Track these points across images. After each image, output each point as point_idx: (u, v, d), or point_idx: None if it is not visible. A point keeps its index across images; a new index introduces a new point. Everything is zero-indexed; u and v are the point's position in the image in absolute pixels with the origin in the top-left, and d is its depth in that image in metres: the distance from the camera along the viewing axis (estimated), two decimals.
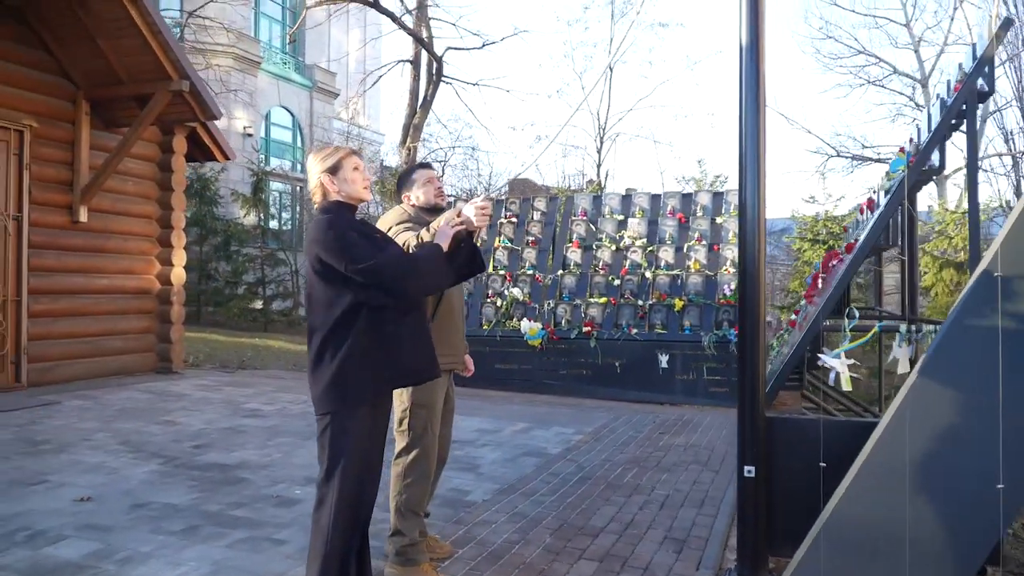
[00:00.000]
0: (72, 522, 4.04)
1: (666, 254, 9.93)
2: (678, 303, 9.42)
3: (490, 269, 10.64)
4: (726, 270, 9.48)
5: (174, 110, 8.20)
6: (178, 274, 9.10)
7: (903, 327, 3.81)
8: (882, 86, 22.08)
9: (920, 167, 3.94)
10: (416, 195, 3.62)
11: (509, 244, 10.82)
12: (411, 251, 3.19)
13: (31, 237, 7.65)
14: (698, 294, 9.42)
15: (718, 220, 10.03)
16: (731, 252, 9.48)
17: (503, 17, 48.77)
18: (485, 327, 10.11)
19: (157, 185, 9.07)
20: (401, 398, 3.47)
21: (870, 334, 3.85)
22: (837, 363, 3.85)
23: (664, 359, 9.22)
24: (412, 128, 18.67)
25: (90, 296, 8.32)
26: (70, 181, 8.00)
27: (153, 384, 8.34)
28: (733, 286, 9.16)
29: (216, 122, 9.21)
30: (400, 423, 3.48)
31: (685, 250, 9.90)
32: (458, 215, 3.14)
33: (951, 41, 20.91)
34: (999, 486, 2.58)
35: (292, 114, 26.86)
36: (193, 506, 4.40)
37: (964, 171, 20.33)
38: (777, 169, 39.59)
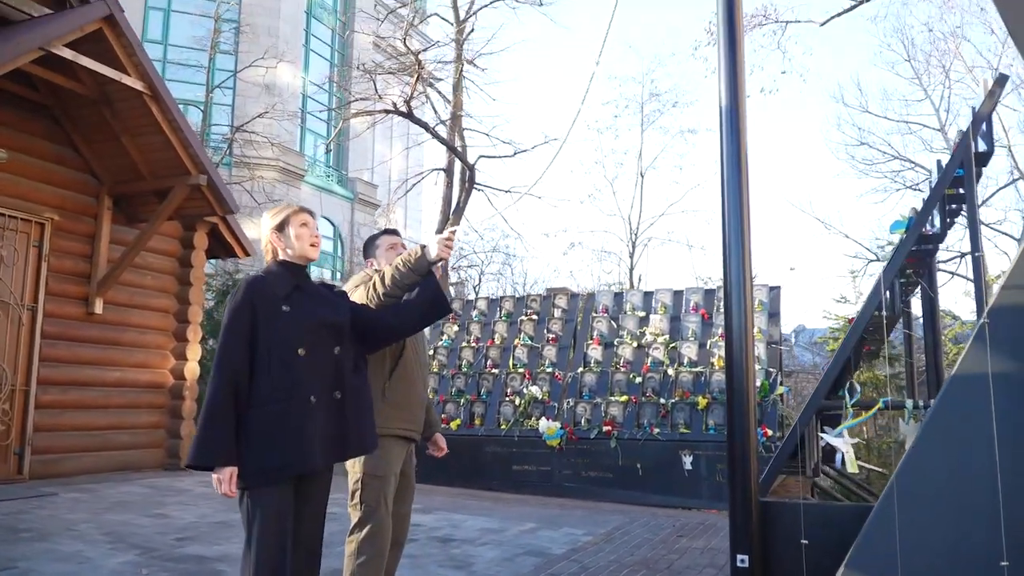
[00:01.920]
0: None
1: (689, 351, 9.62)
2: (702, 401, 9.04)
3: (509, 367, 10.42)
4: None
5: (193, 204, 8.36)
6: (192, 369, 9.06)
7: (909, 403, 3.50)
8: (919, 190, 21.85)
9: (917, 231, 3.73)
10: (379, 261, 3.54)
11: (529, 342, 10.62)
12: (378, 288, 3.13)
13: (44, 327, 7.70)
14: (722, 391, 9.04)
15: None
16: (757, 348, 9.15)
17: (534, 126, 50.13)
18: (503, 427, 9.81)
19: (176, 280, 9.16)
20: (353, 468, 3.24)
21: (873, 410, 3.54)
22: (840, 442, 3.54)
23: (688, 460, 8.78)
24: None
25: (101, 388, 8.28)
26: (88, 273, 8.11)
27: (157, 480, 8.15)
28: (759, 383, 8.78)
29: (240, 221, 9.40)
30: (352, 496, 3.23)
31: (708, 346, 9.59)
32: (422, 248, 3.12)
33: None
34: (1003, 563, 2.23)
35: (334, 225, 27.53)
36: None
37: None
38: (815, 274, 39.16)
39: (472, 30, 18.88)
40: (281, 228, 2.91)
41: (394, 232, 3.67)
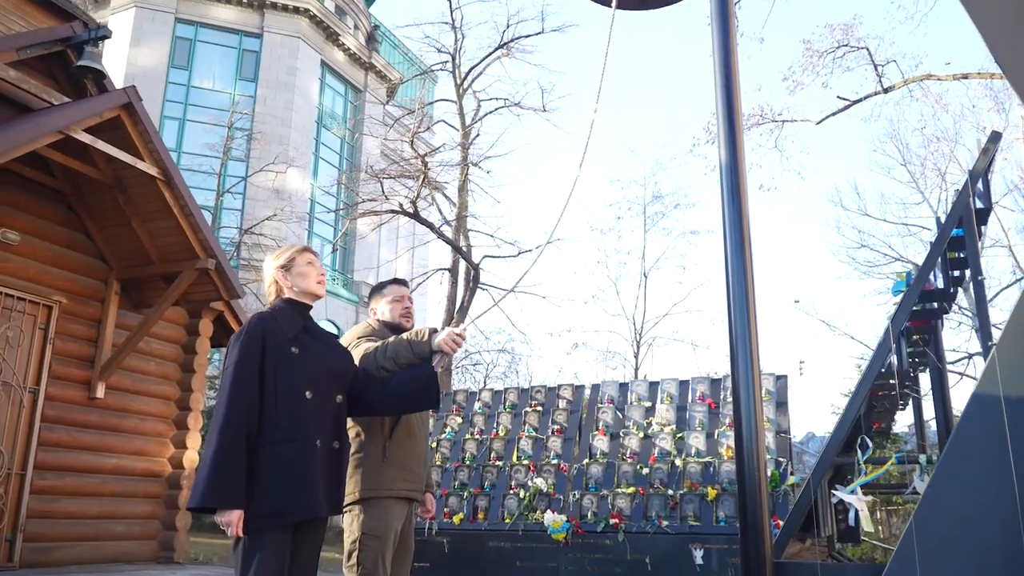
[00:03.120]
0: None
1: (696, 441, 9.45)
2: (711, 492, 8.80)
3: (513, 459, 10.22)
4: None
5: (200, 289, 8.41)
6: (191, 457, 8.89)
7: (923, 458, 3.42)
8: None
9: (919, 287, 3.72)
10: (382, 310, 3.50)
11: (534, 433, 10.46)
12: (373, 354, 3.11)
13: (45, 411, 7.61)
14: (732, 482, 8.83)
15: None
16: (766, 438, 8.98)
17: (538, 227, 51.02)
18: (507, 520, 9.52)
19: (180, 367, 9.12)
20: (351, 528, 3.13)
21: (887, 465, 3.46)
22: (854, 499, 3.45)
23: (699, 554, 8.47)
24: None
25: (98, 476, 8.10)
26: (92, 357, 8.08)
27: (149, 572, 7.88)
28: (770, 472, 8.58)
29: (243, 306, 9.46)
30: (349, 557, 3.10)
31: (716, 436, 9.42)
32: (430, 332, 3.12)
33: (987, 244, 20.95)
34: None
35: (337, 327, 27.63)
36: None
37: None
38: (820, 376, 38.95)
39: (477, 135, 19.48)
40: (287, 267, 2.94)
41: (403, 283, 3.64)
